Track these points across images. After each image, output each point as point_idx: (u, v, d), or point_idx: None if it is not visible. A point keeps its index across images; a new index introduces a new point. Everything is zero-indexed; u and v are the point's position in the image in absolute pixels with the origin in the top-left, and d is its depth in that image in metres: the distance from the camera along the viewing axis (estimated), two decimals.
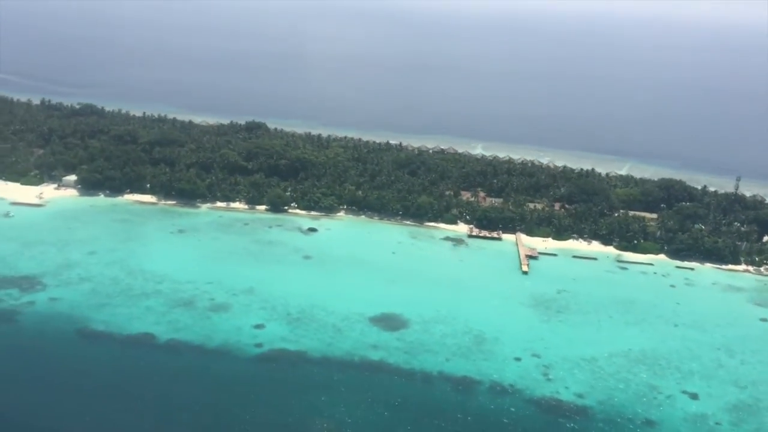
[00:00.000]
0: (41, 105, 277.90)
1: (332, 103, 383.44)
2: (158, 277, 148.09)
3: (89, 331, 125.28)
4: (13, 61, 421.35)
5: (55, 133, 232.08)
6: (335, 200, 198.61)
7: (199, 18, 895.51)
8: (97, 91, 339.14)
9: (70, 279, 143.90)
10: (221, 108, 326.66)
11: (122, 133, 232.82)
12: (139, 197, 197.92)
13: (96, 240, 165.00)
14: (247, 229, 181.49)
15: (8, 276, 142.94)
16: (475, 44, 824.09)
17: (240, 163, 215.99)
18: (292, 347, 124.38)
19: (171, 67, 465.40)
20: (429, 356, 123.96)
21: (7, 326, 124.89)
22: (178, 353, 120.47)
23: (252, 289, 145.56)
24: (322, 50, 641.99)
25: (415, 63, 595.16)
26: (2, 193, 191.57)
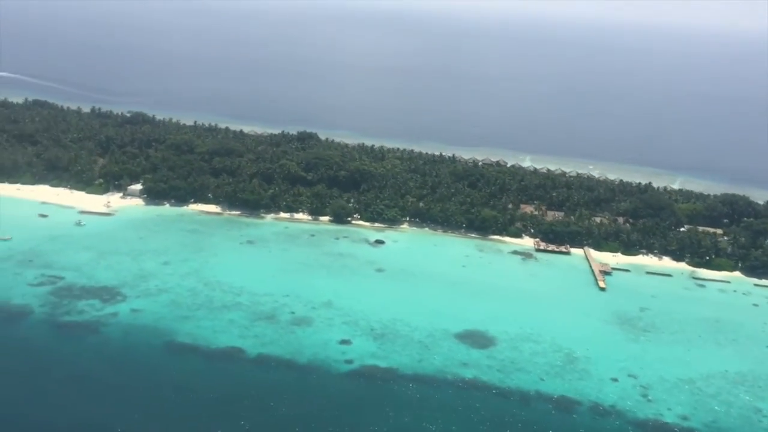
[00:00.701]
0: (92, 113, 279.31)
1: (373, 112, 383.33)
2: (235, 289, 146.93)
3: (177, 344, 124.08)
4: (54, 68, 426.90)
5: (114, 141, 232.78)
6: (398, 212, 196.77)
7: (220, 22, 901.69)
8: (142, 99, 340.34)
9: (149, 290, 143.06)
10: (263, 117, 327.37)
11: (179, 143, 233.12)
12: (203, 207, 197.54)
13: (168, 250, 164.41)
14: (315, 240, 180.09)
15: (88, 286, 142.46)
16: (502, 53, 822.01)
17: (300, 173, 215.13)
18: (383, 364, 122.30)
19: (211, 75, 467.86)
20: (522, 375, 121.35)
21: (94, 337, 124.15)
22: (269, 368, 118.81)
23: (331, 302, 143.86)
24: (349, 58, 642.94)
25: (446, 71, 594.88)
26: (70, 201, 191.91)
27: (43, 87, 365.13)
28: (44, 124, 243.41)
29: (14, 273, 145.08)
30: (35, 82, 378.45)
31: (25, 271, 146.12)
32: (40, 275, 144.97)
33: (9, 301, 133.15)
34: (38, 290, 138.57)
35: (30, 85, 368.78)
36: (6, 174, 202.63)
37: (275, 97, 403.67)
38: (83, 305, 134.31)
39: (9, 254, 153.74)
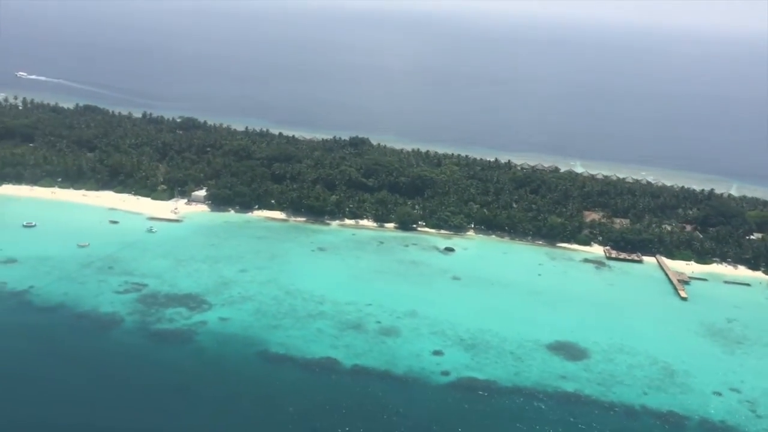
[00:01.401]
0: (143, 118, 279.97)
1: (413, 116, 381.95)
2: (317, 297, 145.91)
3: (270, 354, 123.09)
4: (90, 72, 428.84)
5: (171, 147, 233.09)
6: (464, 219, 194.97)
7: (244, 24, 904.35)
8: (184, 104, 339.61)
9: (233, 298, 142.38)
10: (306, 121, 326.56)
11: (237, 148, 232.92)
12: (268, 213, 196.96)
13: (243, 258, 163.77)
14: (384, 248, 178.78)
15: (172, 294, 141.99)
16: (529, 56, 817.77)
17: (360, 179, 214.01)
18: (480, 376, 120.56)
19: (247, 79, 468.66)
20: (624, 389, 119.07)
21: (187, 347, 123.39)
22: (367, 379, 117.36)
23: (414, 312, 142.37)
24: (381, 60, 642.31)
25: (479, 74, 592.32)
26: (137, 207, 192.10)
27: (84, 91, 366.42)
28: (101, 130, 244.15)
29: (98, 280, 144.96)
30: (77, 87, 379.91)
31: (108, 279, 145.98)
32: (124, 282, 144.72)
33: (98, 309, 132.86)
34: (124, 298, 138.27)
35: (71, 89, 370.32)
36: (71, 179, 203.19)
37: (316, 101, 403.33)
38: (171, 313, 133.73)
39: (89, 261, 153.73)
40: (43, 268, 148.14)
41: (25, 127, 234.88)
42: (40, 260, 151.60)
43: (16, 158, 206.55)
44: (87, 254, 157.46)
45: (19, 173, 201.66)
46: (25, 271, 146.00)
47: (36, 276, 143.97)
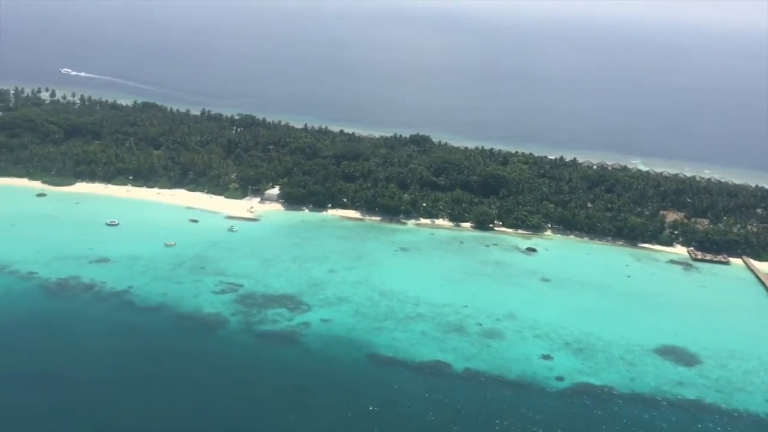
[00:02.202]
0: (202, 115, 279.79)
1: (464, 113, 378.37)
2: (411, 298, 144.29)
3: (380, 356, 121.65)
4: (137, 69, 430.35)
5: (237, 145, 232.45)
6: (541, 219, 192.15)
7: (286, 23, 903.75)
8: (237, 101, 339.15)
9: (329, 299, 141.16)
10: (360, 119, 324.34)
11: (302, 146, 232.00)
12: (342, 212, 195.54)
13: (328, 257, 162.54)
14: (466, 248, 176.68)
15: (268, 294, 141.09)
16: (567, 52, 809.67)
17: (430, 178, 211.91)
18: (595, 381, 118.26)
19: (295, 76, 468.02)
20: (746, 396, 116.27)
21: (295, 349, 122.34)
22: (481, 384, 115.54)
23: (512, 314, 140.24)
24: (424, 58, 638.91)
25: (521, 72, 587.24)
26: (212, 206, 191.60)
27: (132, 88, 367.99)
28: (165, 127, 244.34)
29: (194, 280, 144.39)
30: (125, 83, 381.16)
31: (203, 279, 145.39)
32: (219, 282, 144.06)
33: (200, 310, 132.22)
34: (223, 298, 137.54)
35: (120, 86, 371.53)
36: (143, 177, 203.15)
37: (365, 98, 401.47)
38: (272, 314, 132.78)
39: (180, 260, 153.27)
40: (136, 267, 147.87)
41: (91, 124, 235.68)
42: (131, 260, 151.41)
43: (89, 156, 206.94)
44: (176, 254, 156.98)
45: (93, 171, 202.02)
46: (119, 270, 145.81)
47: (131, 276, 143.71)
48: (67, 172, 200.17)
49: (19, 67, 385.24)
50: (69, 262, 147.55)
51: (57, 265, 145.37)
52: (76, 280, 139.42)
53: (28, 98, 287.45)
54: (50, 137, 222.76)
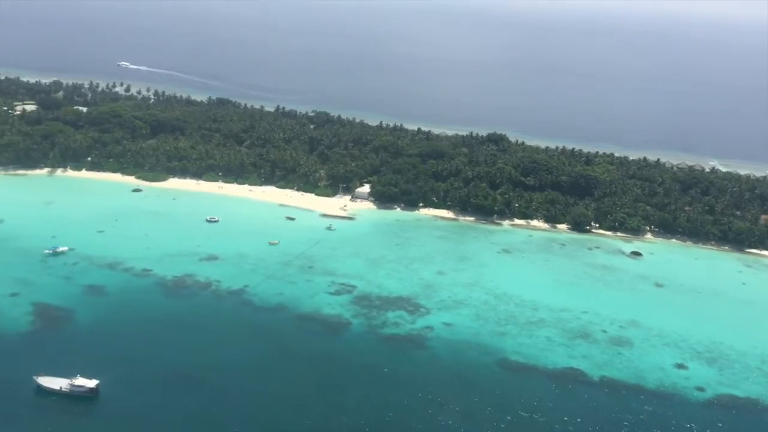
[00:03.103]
0: (276, 112, 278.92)
1: (528, 112, 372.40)
2: (527, 302, 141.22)
3: (511, 363, 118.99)
4: (201, 65, 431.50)
5: (320, 142, 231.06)
6: (640, 221, 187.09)
7: (330, 18, 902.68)
8: (306, 97, 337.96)
9: (444, 302, 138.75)
10: (425, 116, 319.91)
11: (385, 144, 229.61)
12: (434, 212, 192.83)
13: (433, 258, 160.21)
14: (568, 250, 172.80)
15: (383, 296, 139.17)
16: (613, 51, 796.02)
17: (519, 178, 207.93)
18: (738, 393, 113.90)
19: (350, 72, 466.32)
20: None
21: (423, 353, 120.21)
22: (620, 394, 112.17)
23: (635, 321, 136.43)
24: (471, 55, 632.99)
25: (573, 70, 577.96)
26: (305, 203, 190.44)
27: (193, 82, 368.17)
28: (247, 123, 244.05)
29: (305, 280, 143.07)
30: (184, 77, 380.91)
31: (314, 278, 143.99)
32: (331, 283, 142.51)
33: (320, 311, 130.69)
34: (339, 299, 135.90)
35: (179, 79, 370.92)
36: (233, 174, 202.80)
37: (425, 95, 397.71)
38: (393, 317, 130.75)
39: (287, 259, 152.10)
40: (246, 266, 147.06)
41: (175, 120, 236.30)
42: (239, 258, 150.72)
43: (180, 152, 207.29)
44: (281, 252, 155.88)
45: (184, 167, 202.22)
46: (230, 268, 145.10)
47: (243, 274, 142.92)
48: (160, 167, 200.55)
49: (78, 61, 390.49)
50: (180, 259, 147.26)
51: (169, 262, 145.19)
52: (191, 278, 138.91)
53: (105, 93, 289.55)
54: (137, 132, 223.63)
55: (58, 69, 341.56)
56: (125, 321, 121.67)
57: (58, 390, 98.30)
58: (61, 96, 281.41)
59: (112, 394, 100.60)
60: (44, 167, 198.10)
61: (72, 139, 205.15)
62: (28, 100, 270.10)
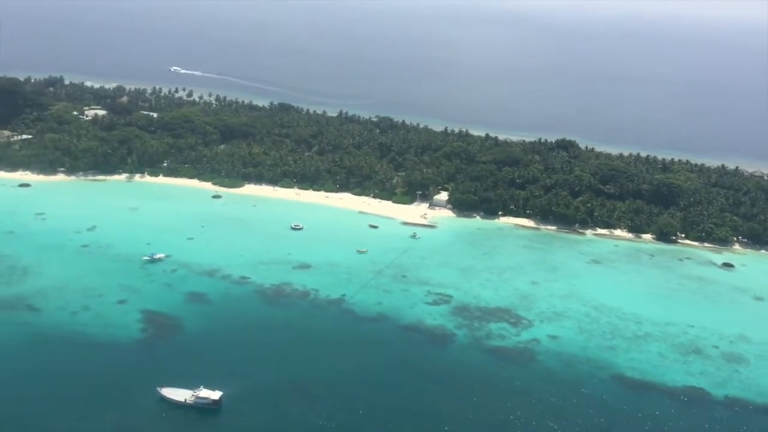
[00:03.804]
0: (339, 117, 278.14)
1: (585, 117, 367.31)
2: (629, 315, 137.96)
3: (627, 379, 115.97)
4: (253, 70, 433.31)
5: (390, 148, 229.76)
6: (729, 232, 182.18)
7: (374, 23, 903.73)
8: (359, 102, 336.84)
9: (544, 314, 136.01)
10: (480, 121, 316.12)
11: (456, 150, 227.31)
12: (514, 220, 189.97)
13: (523, 268, 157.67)
14: (659, 262, 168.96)
15: (482, 306, 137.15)
16: (661, 55, 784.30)
17: (597, 185, 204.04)
18: None
19: (396, 77, 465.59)
20: None
21: (535, 367, 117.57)
22: (750, 414, 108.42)
23: (744, 336, 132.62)
24: (513, 60, 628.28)
25: (621, 76, 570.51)
26: (385, 211, 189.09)
27: (247, 86, 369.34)
28: (315, 129, 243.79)
29: (401, 290, 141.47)
30: (238, 82, 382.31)
31: (410, 288, 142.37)
32: (427, 292, 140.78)
33: (423, 322, 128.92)
34: (439, 310, 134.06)
35: (232, 84, 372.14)
36: (308, 180, 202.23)
37: (480, 101, 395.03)
38: (496, 329, 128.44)
39: (377, 268, 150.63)
40: (339, 275, 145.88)
41: (244, 125, 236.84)
42: (331, 266, 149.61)
43: (255, 158, 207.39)
44: (371, 261, 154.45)
45: (260, 173, 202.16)
46: (324, 277, 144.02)
47: (339, 283, 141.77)
48: (236, 173, 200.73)
49: (131, 66, 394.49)
50: (274, 267, 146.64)
51: (264, 270, 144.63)
52: (289, 287, 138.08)
53: (168, 98, 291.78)
54: (208, 138, 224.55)
55: (112, 74, 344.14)
56: (232, 330, 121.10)
57: (182, 402, 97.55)
58: (126, 101, 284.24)
59: (234, 406, 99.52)
60: (122, 173, 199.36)
61: (148, 144, 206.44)
62: (94, 105, 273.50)
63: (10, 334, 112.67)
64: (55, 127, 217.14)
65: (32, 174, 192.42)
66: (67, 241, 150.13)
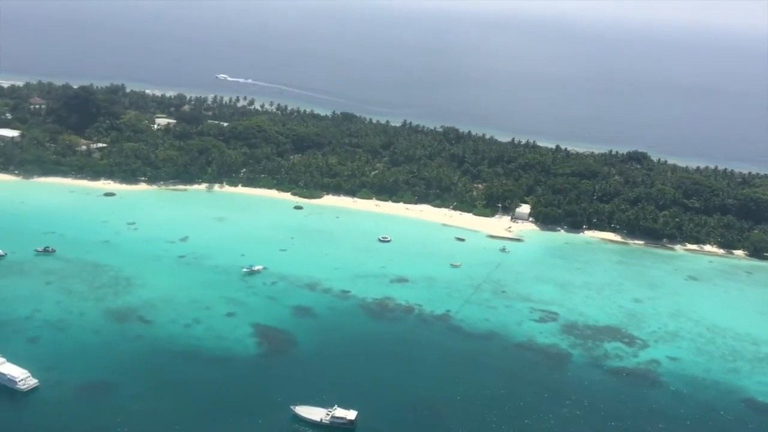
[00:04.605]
0: (404, 126, 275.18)
1: (642, 127, 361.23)
2: (743, 336, 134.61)
3: (760, 404, 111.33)
4: (301, 78, 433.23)
5: (465, 160, 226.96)
6: None
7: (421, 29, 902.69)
8: (412, 111, 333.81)
9: (657, 334, 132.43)
10: (537, 131, 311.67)
11: (531, 162, 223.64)
12: (600, 234, 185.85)
13: (620, 285, 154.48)
14: (758, 279, 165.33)
15: (590, 325, 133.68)
16: (697, 62, 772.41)
17: (681, 200, 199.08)
18: None
19: (433, 86, 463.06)
20: None
21: (662, 390, 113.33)
22: None
23: None
24: (553, 68, 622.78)
25: (664, 84, 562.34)
26: (468, 223, 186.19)
27: (298, 95, 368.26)
28: (384, 139, 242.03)
29: (505, 306, 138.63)
30: (297, 92, 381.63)
31: (514, 304, 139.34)
32: (531, 309, 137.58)
33: (534, 340, 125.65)
34: (548, 327, 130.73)
35: (292, 94, 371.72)
36: (386, 191, 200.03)
37: (521, 109, 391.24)
38: (612, 349, 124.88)
39: (475, 283, 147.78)
40: (438, 289, 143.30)
41: (314, 135, 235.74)
42: (428, 280, 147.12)
43: (332, 169, 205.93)
44: (466, 275, 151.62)
45: (338, 184, 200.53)
46: (424, 292, 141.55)
47: (440, 298, 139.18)
48: (314, 184, 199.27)
49: (180, 73, 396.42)
50: (371, 280, 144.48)
51: (362, 283, 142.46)
52: (391, 301, 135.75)
53: (231, 107, 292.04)
54: (281, 147, 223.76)
55: (164, 82, 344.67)
56: (345, 345, 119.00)
57: (318, 421, 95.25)
58: (188, 109, 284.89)
59: (369, 425, 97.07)
60: (201, 182, 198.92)
61: (227, 154, 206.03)
62: (158, 113, 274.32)
63: (127, 348, 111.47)
64: (131, 136, 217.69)
65: (114, 183, 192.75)
66: (162, 252, 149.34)
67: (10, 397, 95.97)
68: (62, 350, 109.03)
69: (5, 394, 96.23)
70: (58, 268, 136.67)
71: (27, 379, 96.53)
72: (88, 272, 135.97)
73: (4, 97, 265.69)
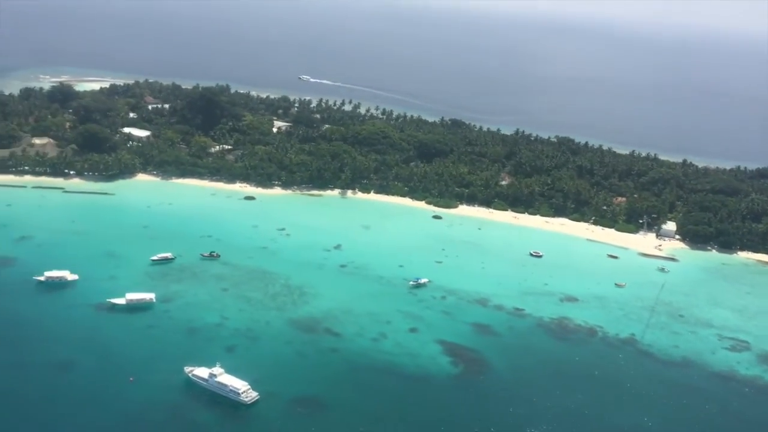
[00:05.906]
0: (516, 135, 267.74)
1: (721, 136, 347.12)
2: None
3: None
4: (386, 80, 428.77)
5: (594, 172, 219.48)
6: None
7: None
8: (517, 118, 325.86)
9: None
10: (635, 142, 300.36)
11: (665, 176, 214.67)
12: (755, 255, 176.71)
13: None
14: None
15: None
16: None
17: None
18: None
19: (514, 93, 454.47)
20: None
21: None
22: None
23: None
24: (622, 76, 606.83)
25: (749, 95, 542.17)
26: (614, 240, 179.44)
27: (388, 98, 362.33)
28: (506, 148, 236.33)
29: (690, 332, 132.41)
30: (376, 93, 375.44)
31: (697, 330, 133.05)
32: (718, 336, 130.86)
33: (736, 371, 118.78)
34: (744, 357, 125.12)
35: (366, 94, 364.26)
36: (522, 203, 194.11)
37: (621, 117, 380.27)
38: None
39: (646, 304, 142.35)
40: (612, 310, 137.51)
41: (437, 142, 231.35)
42: (598, 300, 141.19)
43: (465, 178, 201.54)
44: (635, 296, 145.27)
45: (472, 193, 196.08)
46: (599, 312, 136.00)
47: (618, 320, 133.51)
48: (448, 193, 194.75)
49: (265, 74, 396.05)
50: (540, 298, 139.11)
51: (532, 301, 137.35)
52: (570, 322, 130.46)
53: (340, 111, 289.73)
54: (405, 154, 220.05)
55: (253, 83, 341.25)
56: (537, 367, 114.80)
57: None
58: (295, 112, 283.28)
59: None
60: (333, 188, 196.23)
61: (359, 160, 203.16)
62: (267, 114, 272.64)
63: (324, 361, 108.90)
64: (261, 139, 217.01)
65: (250, 186, 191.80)
66: (322, 260, 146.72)
67: (235, 410, 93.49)
68: (262, 361, 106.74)
69: (230, 407, 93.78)
70: (227, 274, 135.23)
71: (248, 391, 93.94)
72: (259, 279, 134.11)
73: (122, 96, 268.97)
